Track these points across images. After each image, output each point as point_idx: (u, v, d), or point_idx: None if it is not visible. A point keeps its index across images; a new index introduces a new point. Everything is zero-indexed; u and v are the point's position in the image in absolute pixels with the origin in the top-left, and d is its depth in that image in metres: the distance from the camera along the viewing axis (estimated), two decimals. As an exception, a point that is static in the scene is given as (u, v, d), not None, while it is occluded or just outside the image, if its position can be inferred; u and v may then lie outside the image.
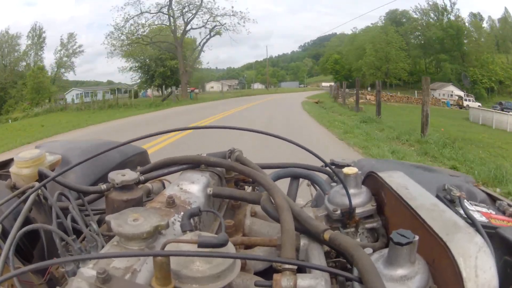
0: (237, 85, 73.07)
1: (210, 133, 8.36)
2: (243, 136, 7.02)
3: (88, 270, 0.52)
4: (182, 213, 0.78)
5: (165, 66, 36.14)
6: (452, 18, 54.91)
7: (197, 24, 35.26)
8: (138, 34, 33.41)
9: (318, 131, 10.44)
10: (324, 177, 1.18)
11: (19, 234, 0.67)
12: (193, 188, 0.91)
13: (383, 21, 61.94)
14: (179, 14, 34.49)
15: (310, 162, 1.19)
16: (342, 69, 66.71)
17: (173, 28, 34.23)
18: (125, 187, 0.83)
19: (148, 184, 1.06)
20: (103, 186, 0.86)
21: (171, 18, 34.01)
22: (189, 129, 0.93)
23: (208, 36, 35.32)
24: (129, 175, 0.85)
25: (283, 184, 1.10)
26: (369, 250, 0.69)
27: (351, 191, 0.85)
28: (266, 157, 1.82)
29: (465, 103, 40.63)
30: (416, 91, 39.47)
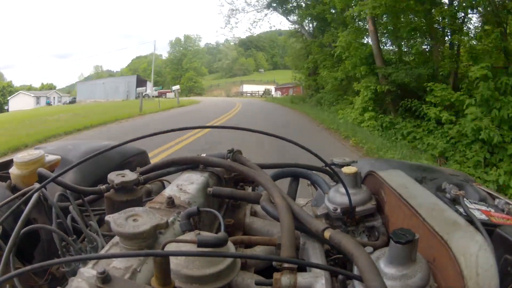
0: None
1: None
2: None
3: (88, 270, 0.52)
4: (181, 213, 0.78)
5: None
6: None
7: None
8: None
9: None
10: (325, 177, 1.18)
11: (20, 235, 0.67)
12: (192, 188, 0.91)
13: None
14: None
15: (311, 163, 1.19)
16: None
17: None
18: (124, 188, 0.83)
19: (148, 185, 1.06)
20: (102, 187, 0.86)
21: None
22: (191, 128, 0.92)
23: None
24: (128, 176, 0.85)
25: (284, 185, 1.10)
26: (369, 249, 0.69)
27: (351, 190, 0.85)
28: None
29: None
30: None
